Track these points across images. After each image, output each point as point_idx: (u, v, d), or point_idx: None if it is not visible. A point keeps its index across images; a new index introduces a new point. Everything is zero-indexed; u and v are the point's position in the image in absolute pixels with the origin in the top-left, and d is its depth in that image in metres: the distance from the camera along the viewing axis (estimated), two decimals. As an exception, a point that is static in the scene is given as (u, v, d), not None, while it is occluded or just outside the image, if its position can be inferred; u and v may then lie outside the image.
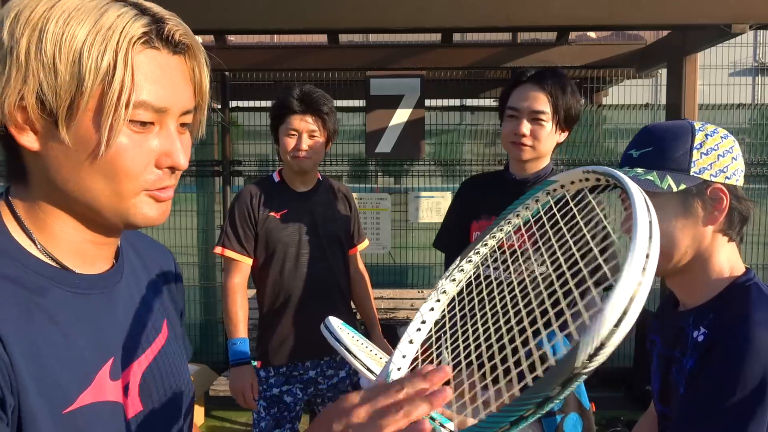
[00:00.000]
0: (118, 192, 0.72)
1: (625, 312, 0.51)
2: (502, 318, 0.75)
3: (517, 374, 0.62)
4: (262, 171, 4.69)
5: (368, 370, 1.15)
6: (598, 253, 0.67)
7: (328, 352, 2.30)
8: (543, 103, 1.94)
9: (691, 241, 1.09)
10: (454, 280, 0.88)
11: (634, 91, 5.30)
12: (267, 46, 4.29)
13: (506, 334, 0.72)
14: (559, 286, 0.67)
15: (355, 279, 2.54)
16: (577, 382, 0.51)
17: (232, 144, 4.70)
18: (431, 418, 0.66)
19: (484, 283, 0.87)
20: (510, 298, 0.79)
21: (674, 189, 1.04)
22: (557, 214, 0.81)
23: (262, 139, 4.76)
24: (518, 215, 0.89)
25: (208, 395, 4.01)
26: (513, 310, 0.75)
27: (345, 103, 4.68)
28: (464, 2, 2.87)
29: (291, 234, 2.30)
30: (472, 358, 0.74)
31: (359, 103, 4.51)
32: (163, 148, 0.74)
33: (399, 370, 0.76)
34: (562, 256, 0.74)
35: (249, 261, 2.32)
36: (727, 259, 1.11)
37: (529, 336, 0.69)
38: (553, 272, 0.72)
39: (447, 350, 0.80)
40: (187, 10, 1.19)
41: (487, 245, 0.91)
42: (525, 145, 1.96)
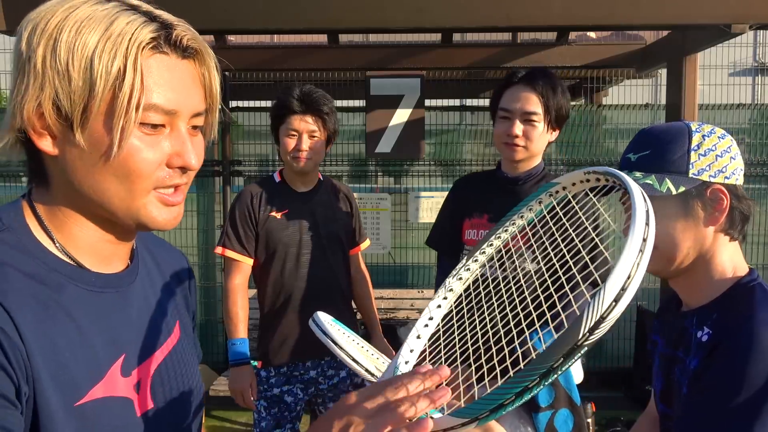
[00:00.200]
0: (131, 191, 0.75)
1: (623, 288, 0.56)
2: (510, 312, 0.80)
3: (522, 353, 0.68)
4: (262, 171, 4.69)
5: (356, 363, 1.16)
6: (602, 249, 0.73)
7: (329, 352, 2.29)
8: (535, 104, 1.98)
9: (693, 242, 1.09)
10: (461, 278, 0.91)
11: (634, 91, 5.31)
12: (267, 46, 4.29)
13: (514, 326, 0.77)
14: (566, 281, 0.72)
15: (356, 279, 2.54)
16: (579, 353, 0.55)
17: (232, 144, 4.70)
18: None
19: (491, 282, 0.90)
20: (517, 293, 0.83)
21: (673, 191, 1.04)
22: (560, 215, 0.84)
23: (262, 139, 4.76)
24: (522, 217, 0.92)
25: (208, 395, 4.02)
26: (521, 305, 0.79)
27: (345, 103, 4.68)
28: (464, 2, 2.87)
29: (292, 234, 2.30)
30: (481, 348, 0.78)
31: (359, 103, 4.51)
32: (174, 149, 0.76)
33: (407, 363, 0.78)
34: (567, 254, 0.77)
35: (249, 261, 2.32)
36: (730, 259, 1.11)
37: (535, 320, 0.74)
38: (560, 268, 0.76)
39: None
40: (188, 10, 1.20)
41: (492, 245, 0.94)
42: (518, 145, 2.00)
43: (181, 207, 0.81)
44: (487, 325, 0.80)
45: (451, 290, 0.90)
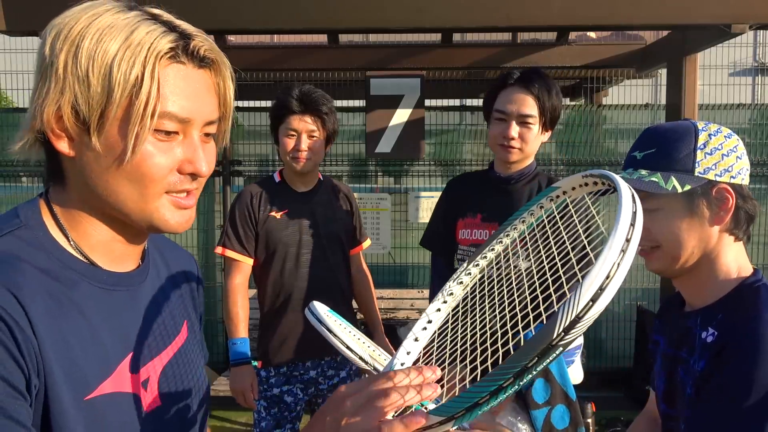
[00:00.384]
0: (143, 195, 0.77)
1: (602, 288, 0.54)
2: (507, 311, 0.80)
3: (503, 353, 0.67)
4: (262, 171, 4.69)
5: (350, 351, 1.16)
6: (588, 250, 0.72)
7: (329, 352, 2.30)
8: (531, 106, 1.99)
9: (698, 241, 1.08)
10: (461, 282, 0.92)
11: (634, 91, 5.31)
12: (267, 46, 4.29)
13: (511, 326, 0.76)
14: (553, 281, 0.72)
15: (357, 279, 2.54)
16: (554, 353, 0.53)
17: (232, 144, 4.70)
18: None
19: (486, 282, 0.91)
20: (515, 291, 0.83)
21: (679, 190, 1.04)
22: (559, 220, 0.84)
23: (262, 139, 4.76)
24: (524, 221, 0.92)
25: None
26: (517, 303, 0.79)
27: (345, 103, 4.68)
28: (464, 2, 2.87)
29: (291, 234, 2.30)
30: (469, 348, 0.78)
31: (359, 103, 4.52)
32: (186, 155, 0.79)
33: (403, 365, 0.78)
34: (557, 255, 0.78)
35: (250, 261, 2.32)
36: (735, 259, 1.10)
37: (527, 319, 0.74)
38: (561, 268, 0.76)
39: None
40: (188, 10, 1.20)
41: (494, 250, 0.94)
42: (514, 147, 2.01)
43: (193, 210, 0.83)
44: (487, 324, 0.80)
45: (451, 294, 0.90)
